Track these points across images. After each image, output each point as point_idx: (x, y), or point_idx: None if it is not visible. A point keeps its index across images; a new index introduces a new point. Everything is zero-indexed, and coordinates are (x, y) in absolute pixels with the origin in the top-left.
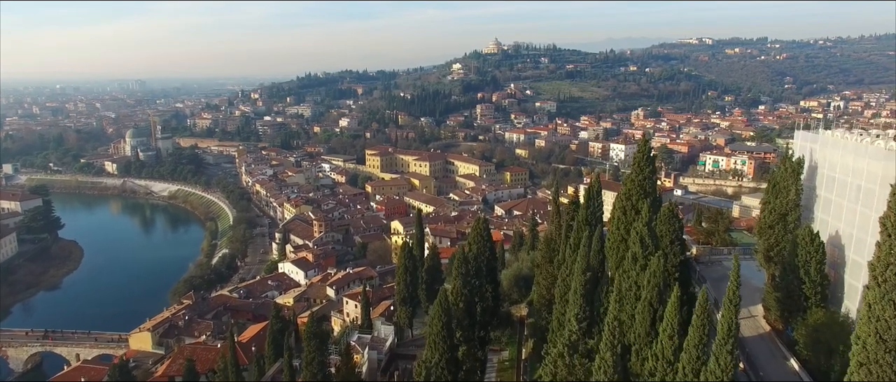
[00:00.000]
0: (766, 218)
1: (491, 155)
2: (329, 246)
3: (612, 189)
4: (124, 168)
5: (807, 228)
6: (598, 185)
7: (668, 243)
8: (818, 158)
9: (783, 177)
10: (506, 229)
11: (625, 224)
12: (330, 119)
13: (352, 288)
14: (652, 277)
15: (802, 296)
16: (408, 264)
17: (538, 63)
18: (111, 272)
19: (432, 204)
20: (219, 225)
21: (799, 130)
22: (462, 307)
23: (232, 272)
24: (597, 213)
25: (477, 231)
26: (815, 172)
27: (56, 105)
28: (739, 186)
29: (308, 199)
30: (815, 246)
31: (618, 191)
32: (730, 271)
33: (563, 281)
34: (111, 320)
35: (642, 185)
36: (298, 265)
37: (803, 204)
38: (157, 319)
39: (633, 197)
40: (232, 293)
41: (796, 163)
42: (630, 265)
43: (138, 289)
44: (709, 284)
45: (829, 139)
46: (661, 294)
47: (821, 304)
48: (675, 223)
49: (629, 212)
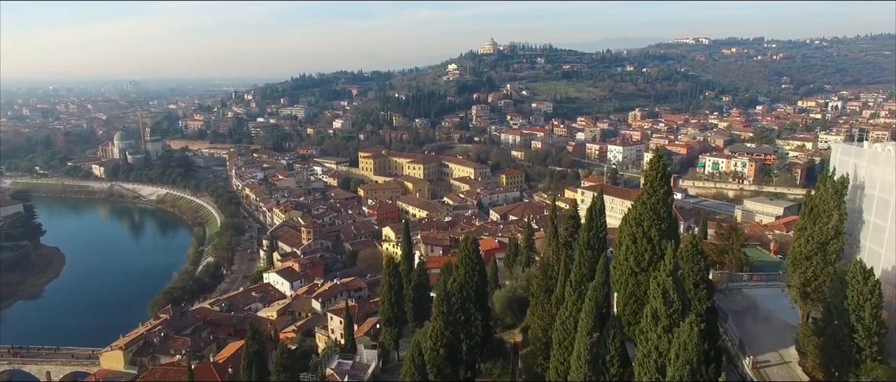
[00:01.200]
0: (803, 247)
1: (486, 157)
2: (317, 254)
3: (611, 193)
4: (112, 171)
5: (859, 265)
6: (600, 201)
7: (691, 286)
8: (864, 177)
9: (823, 200)
10: (501, 235)
11: (635, 254)
12: (324, 120)
13: (339, 300)
14: (682, 351)
15: (854, 347)
16: (392, 282)
17: (534, 63)
18: (92, 280)
19: (426, 209)
20: (207, 231)
21: (838, 143)
22: (443, 352)
23: (216, 281)
24: (600, 234)
25: (465, 252)
26: (860, 193)
27: (47, 106)
28: (741, 189)
29: (298, 204)
30: (869, 286)
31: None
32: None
33: (562, 324)
34: (88, 333)
35: (656, 209)
36: (284, 275)
37: (847, 230)
38: (131, 335)
39: (645, 222)
40: (213, 306)
41: (839, 182)
42: (649, 325)
43: (119, 299)
44: (731, 321)
45: (879, 154)
46: (694, 372)
47: (877, 358)
48: (701, 261)
49: (641, 242)
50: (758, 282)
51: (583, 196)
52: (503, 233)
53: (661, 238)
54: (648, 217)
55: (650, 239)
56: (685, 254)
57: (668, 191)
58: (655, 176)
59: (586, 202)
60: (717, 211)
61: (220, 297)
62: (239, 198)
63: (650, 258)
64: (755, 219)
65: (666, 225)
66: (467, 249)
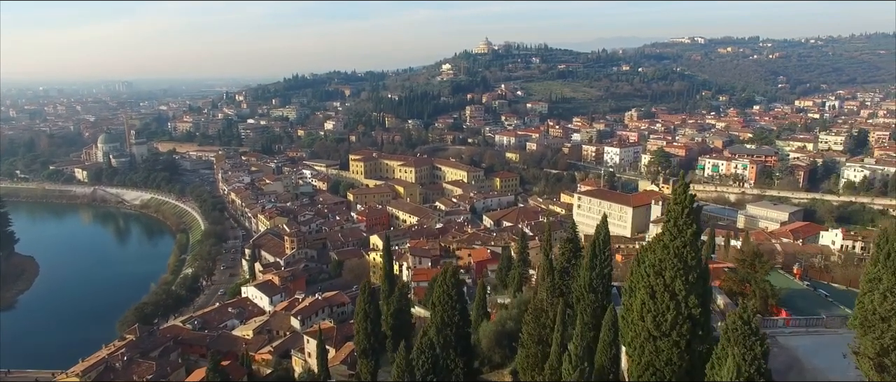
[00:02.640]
0: (879, 306)
1: (480, 159)
2: (301, 264)
3: (609, 198)
4: (95, 175)
5: None
6: (604, 232)
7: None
8: None
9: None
10: (493, 245)
11: (654, 314)
12: (315, 122)
13: (320, 317)
14: None
15: None
16: (368, 308)
17: (529, 63)
18: (66, 292)
19: (416, 215)
20: (190, 238)
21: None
22: None
23: (194, 294)
24: (605, 271)
25: (444, 289)
26: None
27: (35, 108)
28: (742, 193)
29: (284, 210)
30: None
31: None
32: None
33: None
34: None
35: (682, 256)
36: (263, 289)
37: None
38: (91, 360)
39: (667, 272)
40: (185, 323)
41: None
42: None
43: (92, 312)
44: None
45: None
46: None
47: None
48: (757, 346)
49: (662, 298)
50: (796, 328)
51: (579, 201)
52: (496, 242)
53: (687, 293)
54: (671, 265)
55: (674, 294)
56: (734, 334)
57: (697, 232)
58: (680, 211)
59: (583, 207)
60: (720, 217)
61: (194, 314)
62: (225, 204)
63: (674, 319)
64: (759, 225)
65: (694, 277)
66: (446, 284)
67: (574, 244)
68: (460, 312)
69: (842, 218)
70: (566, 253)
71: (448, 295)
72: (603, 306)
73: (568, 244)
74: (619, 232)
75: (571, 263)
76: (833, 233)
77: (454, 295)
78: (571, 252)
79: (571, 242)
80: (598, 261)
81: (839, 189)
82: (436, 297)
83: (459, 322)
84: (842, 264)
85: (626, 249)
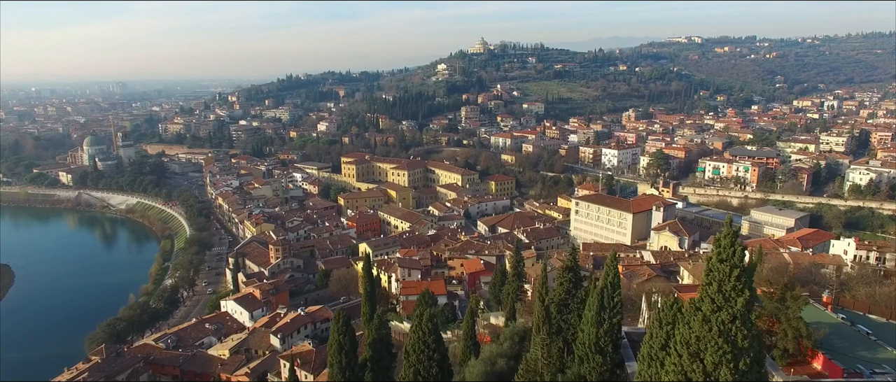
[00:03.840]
0: None
1: (475, 162)
2: (286, 274)
3: (608, 204)
4: (80, 178)
5: None
6: (614, 274)
7: None
8: None
9: None
10: (487, 254)
11: None
12: (308, 123)
13: (301, 334)
14: None
15: None
16: (343, 342)
17: (525, 63)
18: (41, 303)
19: (408, 220)
20: (175, 245)
21: None
22: None
23: (172, 307)
24: (615, 322)
25: (419, 335)
26: None
27: (24, 109)
28: (745, 197)
29: (272, 216)
30: None
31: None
32: None
33: None
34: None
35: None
36: (243, 304)
37: None
38: None
39: (709, 355)
40: (158, 341)
41: None
42: None
43: (68, 326)
44: None
45: None
46: None
47: None
48: None
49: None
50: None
51: (577, 207)
52: (490, 250)
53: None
54: (714, 346)
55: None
56: None
57: (749, 301)
58: (728, 272)
59: (581, 213)
60: (723, 223)
61: (169, 330)
62: (212, 209)
63: None
64: (765, 232)
65: (747, 363)
66: (422, 330)
67: (574, 273)
68: (438, 363)
69: (849, 223)
70: (565, 285)
71: (424, 343)
72: (612, 369)
73: (567, 273)
74: (618, 240)
75: (571, 294)
76: (845, 242)
77: (432, 343)
78: (571, 282)
79: (571, 271)
80: (607, 315)
81: (845, 193)
82: (409, 344)
83: (437, 374)
84: (858, 278)
85: (627, 259)
